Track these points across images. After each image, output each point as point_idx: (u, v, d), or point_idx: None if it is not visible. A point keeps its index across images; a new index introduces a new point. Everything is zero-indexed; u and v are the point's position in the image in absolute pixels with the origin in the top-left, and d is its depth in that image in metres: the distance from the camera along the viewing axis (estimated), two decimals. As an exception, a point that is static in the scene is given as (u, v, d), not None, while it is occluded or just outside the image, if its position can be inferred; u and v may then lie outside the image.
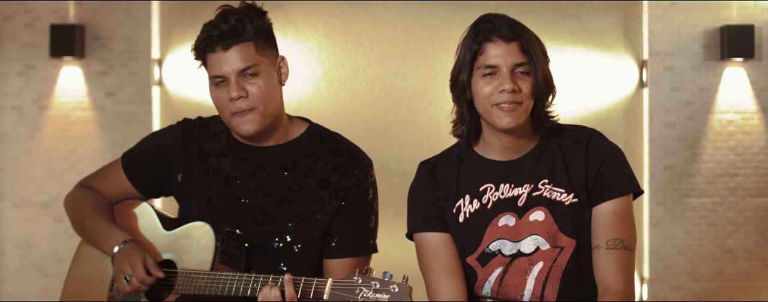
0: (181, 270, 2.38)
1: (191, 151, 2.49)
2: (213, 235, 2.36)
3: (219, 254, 2.34)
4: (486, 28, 2.24)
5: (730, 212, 4.87)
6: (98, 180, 2.60)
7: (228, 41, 2.34)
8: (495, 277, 2.28)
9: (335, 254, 2.43)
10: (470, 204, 2.31)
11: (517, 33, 2.23)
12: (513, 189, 2.29)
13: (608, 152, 2.28)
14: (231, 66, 2.34)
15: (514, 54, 2.21)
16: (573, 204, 2.26)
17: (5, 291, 5.09)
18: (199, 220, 2.43)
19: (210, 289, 2.30)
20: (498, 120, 2.22)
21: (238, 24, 2.34)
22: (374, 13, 4.99)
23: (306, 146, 2.46)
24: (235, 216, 2.44)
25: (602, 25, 4.89)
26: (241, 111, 2.36)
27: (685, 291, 4.88)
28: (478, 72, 2.24)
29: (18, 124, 5.06)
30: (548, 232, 2.26)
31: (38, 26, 5.02)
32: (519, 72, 2.22)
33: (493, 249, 2.28)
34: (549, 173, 2.28)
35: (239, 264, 2.38)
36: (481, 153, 2.33)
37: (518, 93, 2.21)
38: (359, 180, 2.44)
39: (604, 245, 2.22)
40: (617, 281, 2.20)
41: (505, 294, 2.27)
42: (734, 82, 4.86)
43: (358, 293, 2.05)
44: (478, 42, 2.24)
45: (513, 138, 2.28)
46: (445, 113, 4.98)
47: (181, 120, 2.56)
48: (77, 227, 2.60)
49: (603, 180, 2.25)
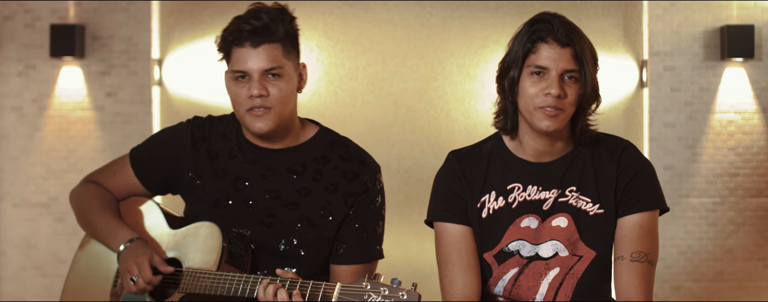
0: (186, 269, 2.37)
1: (201, 151, 2.49)
2: (220, 235, 2.35)
3: (225, 254, 2.34)
4: (543, 28, 2.23)
5: (730, 212, 4.87)
6: (105, 176, 2.59)
7: (258, 38, 2.32)
8: (510, 277, 2.27)
9: (342, 260, 2.43)
10: (495, 201, 2.30)
11: (573, 39, 2.21)
12: (540, 192, 2.28)
13: (640, 165, 2.28)
14: (257, 64, 2.33)
15: (566, 59, 2.20)
16: (597, 215, 2.25)
17: (5, 291, 5.09)
18: (206, 220, 2.43)
19: (215, 289, 2.29)
20: (538, 122, 2.21)
21: (271, 23, 2.32)
22: (374, 13, 4.99)
23: (315, 150, 2.46)
24: (242, 217, 2.44)
25: (602, 25, 4.89)
26: (258, 108, 2.34)
27: (685, 291, 4.88)
28: (526, 70, 2.22)
29: (18, 124, 5.06)
30: (569, 240, 2.25)
31: (38, 26, 5.02)
32: (568, 78, 2.20)
33: (512, 249, 2.28)
34: (578, 181, 2.27)
35: (245, 265, 2.38)
36: (513, 151, 2.32)
37: (563, 99, 2.19)
38: (368, 186, 2.44)
39: (629, 257, 2.21)
40: (639, 294, 2.19)
41: (517, 295, 2.27)
42: (734, 82, 4.86)
43: (366, 298, 2.04)
44: (533, 41, 2.22)
45: (549, 141, 2.27)
46: (445, 113, 4.97)
47: (191, 118, 2.55)
48: (83, 222, 2.59)
49: (632, 193, 2.24)
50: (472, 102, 4.92)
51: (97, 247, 2.57)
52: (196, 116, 2.55)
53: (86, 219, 2.57)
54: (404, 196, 4.86)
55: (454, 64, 4.95)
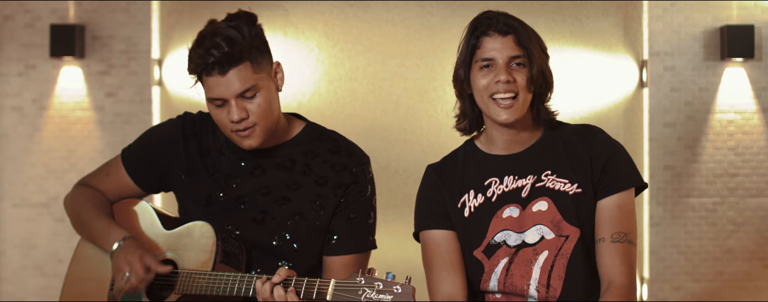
0: (182, 270, 2.38)
1: (192, 147, 2.49)
2: (214, 235, 2.36)
3: (220, 253, 2.34)
4: (483, 23, 2.30)
5: (730, 212, 4.87)
6: (98, 179, 2.59)
7: (225, 67, 2.30)
8: (501, 268, 2.29)
9: (335, 251, 2.43)
10: (475, 198, 2.34)
11: (513, 27, 2.28)
12: (517, 181, 2.32)
13: (612, 147, 2.32)
14: (229, 90, 2.31)
15: (509, 47, 2.27)
16: (576, 194, 2.29)
17: (5, 291, 5.09)
18: (199, 218, 2.43)
19: (211, 289, 2.29)
20: (496, 116, 2.27)
21: (232, 47, 2.29)
22: (374, 13, 4.99)
23: (303, 145, 2.46)
24: (234, 215, 2.44)
25: (602, 25, 4.89)
26: (242, 130, 2.35)
27: (685, 291, 4.88)
28: (476, 65, 2.29)
29: (18, 124, 5.06)
30: (552, 222, 2.28)
31: (38, 26, 5.02)
32: (515, 64, 2.27)
33: (498, 240, 2.30)
34: (552, 164, 2.32)
35: (240, 264, 2.38)
36: (485, 149, 2.38)
37: (513, 84, 2.25)
38: (358, 176, 2.44)
39: (609, 238, 2.26)
40: (622, 275, 2.23)
41: (511, 285, 2.29)
42: (734, 82, 4.86)
43: (360, 294, 2.04)
44: (476, 36, 2.30)
45: (514, 131, 2.32)
46: (445, 113, 4.97)
47: (181, 114, 2.55)
48: (77, 225, 2.59)
49: (609, 175, 2.29)
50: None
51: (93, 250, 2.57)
52: (187, 112, 2.54)
53: (80, 222, 2.57)
54: (403, 197, 4.86)
55: (453, 64, 4.95)
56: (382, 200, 4.98)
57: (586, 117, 4.91)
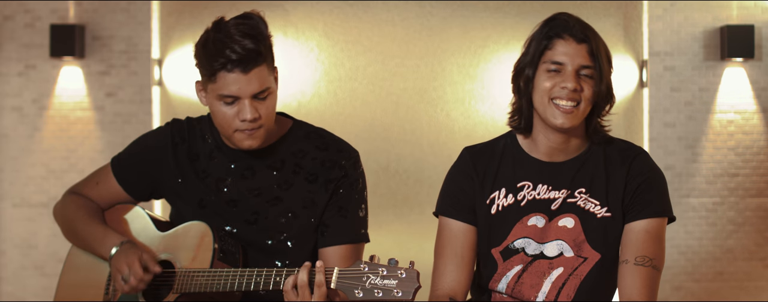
0: (179, 270, 2.37)
1: (181, 153, 2.49)
2: (211, 233, 2.36)
3: (217, 252, 2.34)
4: (559, 25, 2.25)
5: (730, 212, 4.87)
6: (88, 187, 2.59)
7: (249, 66, 2.29)
8: (513, 274, 2.28)
9: (328, 242, 2.44)
10: (505, 197, 2.31)
11: (589, 36, 2.22)
12: (549, 192, 2.29)
13: (651, 173, 2.28)
14: (249, 89, 2.30)
15: (582, 55, 2.21)
16: (604, 218, 2.26)
17: (5, 291, 5.09)
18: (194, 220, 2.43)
19: (210, 286, 2.29)
20: (552, 118, 2.22)
21: (257, 46, 2.29)
22: (374, 13, 4.99)
23: (292, 144, 2.46)
24: (227, 217, 2.45)
25: (602, 25, 4.89)
26: (249, 129, 2.34)
27: (685, 291, 4.88)
28: (543, 66, 2.23)
29: (18, 124, 5.06)
30: (574, 241, 2.26)
31: (38, 26, 5.02)
32: (583, 74, 2.22)
33: (518, 246, 2.29)
34: (588, 183, 2.28)
35: (237, 262, 2.38)
36: (526, 149, 2.33)
37: (579, 92, 2.21)
38: (347, 170, 2.44)
39: (633, 261, 2.22)
40: (642, 297, 2.20)
41: (519, 292, 2.28)
42: (734, 82, 4.86)
43: (365, 280, 2.04)
44: (549, 37, 2.24)
45: (563, 139, 2.28)
46: (445, 113, 4.97)
47: (170, 121, 2.55)
48: (69, 233, 2.58)
49: (640, 198, 2.25)
50: (472, 102, 4.92)
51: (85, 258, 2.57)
52: (175, 119, 2.55)
53: (72, 230, 2.56)
54: (403, 197, 4.85)
55: (454, 64, 4.95)
56: (382, 200, 4.99)
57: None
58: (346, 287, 2.06)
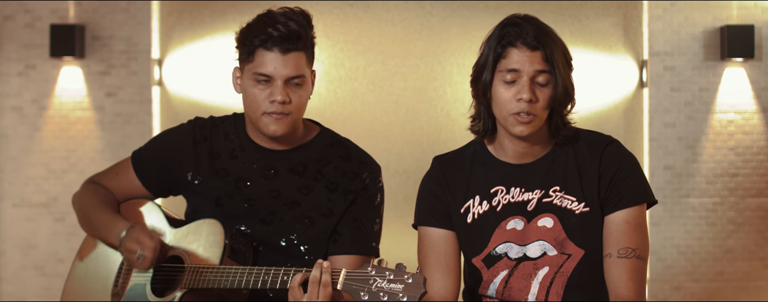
0: (188, 266, 2.38)
1: (202, 151, 2.50)
2: (222, 231, 2.37)
3: (228, 249, 2.35)
4: (513, 32, 2.24)
5: (730, 212, 4.87)
6: (108, 178, 2.61)
7: (289, 45, 2.32)
8: (500, 279, 2.28)
9: (338, 250, 2.45)
10: (480, 205, 2.31)
11: (543, 42, 2.22)
12: (523, 194, 2.29)
13: (623, 161, 2.27)
14: (284, 70, 2.32)
15: (537, 61, 2.21)
16: (583, 213, 2.25)
17: (5, 291, 5.10)
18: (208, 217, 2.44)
19: (219, 283, 2.30)
20: (511, 127, 2.22)
21: (302, 30, 2.32)
22: (374, 13, 4.99)
23: (316, 151, 2.48)
24: (243, 215, 2.46)
25: (602, 25, 4.89)
26: (278, 113, 2.35)
27: (685, 291, 4.88)
28: (499, 75, 2.23)
29: (18, 124, 5.06)
30: (556, 239, 2.25)
31: (38, 26, 5.02)
32: (539, 81, 2.21)
33: (500, 251, 2.28)
34: (561, 180, 2.27)
35: (247, 261, 2.40)
36: (494, 153, 2.33)
37: (535, 104, 2.20)
38: (367, 184, 2.46)
39: (616, 253, 2.22)
40: (629, 290, 2.20)
41: (509, 296, 2.27)
42: (734, 82, 4.86)
43: (371, 283, 2.05)
44: (503, 46, 2.23)
45: (527, 144, 2.28)
46: (445, 113, 4.98)
47: (192, 119, 2.56)
48: (84, 221, 2.61)
49: (616, 189, 2.24)
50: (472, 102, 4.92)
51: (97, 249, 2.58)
52: (198, 117, 2.56)
53: (87, 217, 2.58)
54: (403, 197, 4.86)
55: (454, 64, 4.95)
56: (382, 200, 4.99)
57: (586, 117, 4.91)
58: (352, 289, 2.07)
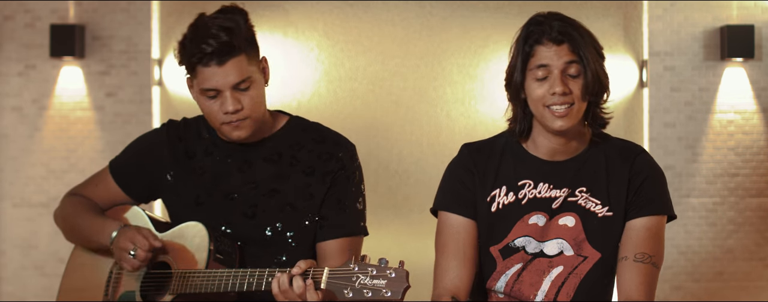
0: (175, 271, 2.38)
1: (178, 152, 2.51)
2: (206, 235, 2.37)
3: (213, 253, 2.35)
4: (536, 30, 2.26)
5: (730, 212, 4.88)
6: (89, 189, 2.60)
7: (224, 57, 2.32)
8: (513, 272, 2.29)
9: (327, 235, 2.44)
10: (505, 195, 2.32)
11: (568, 34, 2.25)
12: (550, 190, 2.30)
13: (653, 171, 2.30)
14: (226, 81, 2.33)
15: (564, 54, 2.23)
16: (605, 217, 2.27)
17: (5, 291, 5.10)
18: (190, 219, 2.43)
19: (206, 287, 2.30)
20: (550, 123, 2.24)
21: (232, 37, 2.32)
22: (374, 13, 4.99)
23: (289, 137, 2.48)
24: (224, 212, 2.45)
25: (602, 25, 4.89)
26: (233, 121, 2.35)
27: (685, 291, 4.88)
28: (530, 73, 2.25)
29: (18, 124, 5.06)
30: (575, 240, 2.27)
31: (38, 26, 5.02)
32: (570, 73, 2.23)
33: (518, 244, 2.29)
34: (589, 182, 2.29)
35: (233, 263, 2.39)
36: (527, 147, 2.34)
37: (569, 95, 2.22)
38: (344, 163, 2.45)
39: (632, 257, 2.23)
40: (640, 294, 2.21)
41: (518, 290, 2.28)
42: (734, 82, 4.86)
43: (355, 280, 2.04)
44: (530, 45, 2.26)
45: (564, 140, 2.30)
46: (445, 113, 4.98)
47: (166, 121, 2.57)
48: (70, 232, 2.59)
49: (642, 196, 2.27)
50: (472, 102, 4.92)
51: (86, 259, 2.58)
52: (170, 119, 2.57)
53: (72, 226, 2.57)
54: (403, 197, 4.86)
55: (454, 64, 4.95)
56: (382, 199, 4.99)
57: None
58: (336, 287, 2.06)
